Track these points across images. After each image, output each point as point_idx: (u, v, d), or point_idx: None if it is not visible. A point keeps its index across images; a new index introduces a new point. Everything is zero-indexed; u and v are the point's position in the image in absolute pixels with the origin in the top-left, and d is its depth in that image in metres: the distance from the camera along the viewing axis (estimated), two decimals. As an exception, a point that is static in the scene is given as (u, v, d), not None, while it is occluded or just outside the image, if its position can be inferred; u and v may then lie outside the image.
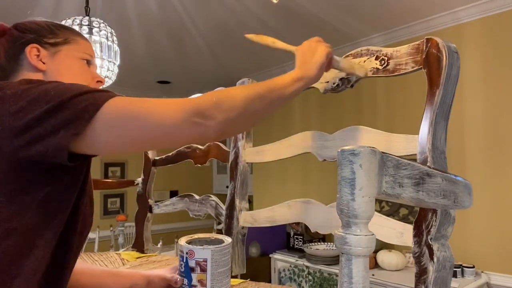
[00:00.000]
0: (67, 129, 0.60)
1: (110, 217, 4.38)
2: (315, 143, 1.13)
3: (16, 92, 0.63)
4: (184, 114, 0.63)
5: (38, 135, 0.60)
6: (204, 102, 0.65)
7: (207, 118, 0.64)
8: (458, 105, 2.07)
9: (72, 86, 0.65)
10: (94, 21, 1.81)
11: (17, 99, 0.62)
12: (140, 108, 0.64)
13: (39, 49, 0.78)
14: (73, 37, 0.83)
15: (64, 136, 0.60)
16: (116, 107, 0.64)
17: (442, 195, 0.59)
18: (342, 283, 0.46)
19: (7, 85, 0.65)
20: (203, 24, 2.82)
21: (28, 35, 0.78)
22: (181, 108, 0.64)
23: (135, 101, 0.65)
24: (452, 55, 0.84)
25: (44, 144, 0.60)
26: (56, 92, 0.62)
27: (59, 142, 0.60)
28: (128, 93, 4.90)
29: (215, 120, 0.64)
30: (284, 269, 3.17)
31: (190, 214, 1.52)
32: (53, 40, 0.80)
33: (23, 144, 0.60)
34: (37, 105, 0.61)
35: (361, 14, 2.71)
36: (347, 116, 3.26)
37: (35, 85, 0.64)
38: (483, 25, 2.57)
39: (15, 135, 0.60)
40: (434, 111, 0.84)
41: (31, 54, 0.77)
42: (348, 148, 0.46)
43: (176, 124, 0.63)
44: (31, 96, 0.62)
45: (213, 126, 0.65)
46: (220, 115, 0.65)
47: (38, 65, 0.77)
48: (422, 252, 0.81)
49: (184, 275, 0.83)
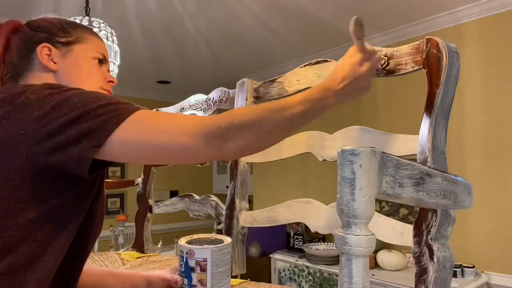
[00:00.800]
0: (89, 140, 0.60)
1: (110, 217, 4.37)
2: (315, 143, 1.13)
3: (39, 97, 0.63)
4: (205, 135, 0.63)
5: (60, 143, 0.60)
6: (225, 124, 0.64)
7: (227, 140, 0.64)
8: (458, 105, 2.07)
9: (96, 95, 0.64)
10: (94, 21, 1.81)
11: (40, 105, 0.62)
12: (162, 125, 0.64)
13: (51, 49, 0.77)
14: (86, 35, 0.82)
15: (86, 147, 0.60)
16: (140, 121, 0.63)
17: (442, 195, 0.59)
18: (342, 283, 0.46)
19: (29, 88, 0.65)
20: (203, 24, 2.82)
21: (40, 33, 0.77)
22: (202, 129, 0.64)
23: (158, 117, 0.65)
24: (452, 55, 0.84)
25: (66, 153, 0.60)
26: (79, 100, 0.62)
27: (80, 153, 0.60)
28: (128, 93, 4.89)
29: (234, 142, 0.64)
30: (284, 269, 3.16)
31: (190, 214, 1.52)
32: (64, 39, 0.79)
33: (44, 151, 0.60)
34: (60, 111, 0.60)
35: (361, 14, 2.69)
36: (347, 116, 3.26)
37: (58, 90, 0.64)
38: (483, 25, 2.57)
39: (37, 142, 0.60)
40: (434, 111, 0.84)
41: (42, 54, 0.76)
42: (348, 148, 0.46)
43: (196, 146, 0.64)
44: (54, 102, 0.62)
45: (231, 148, 0.64)
46: (239, 138, 0.64)
47: (49, 65, 0.76)
48: (422, 252, 0.81)
49: (184, 275, 0.83)
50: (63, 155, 0.60)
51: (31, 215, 0.62)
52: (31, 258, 0.62)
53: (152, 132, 0.64)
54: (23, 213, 0.62)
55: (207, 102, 1.44)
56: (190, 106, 1.52)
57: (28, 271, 0.62)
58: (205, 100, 1.45)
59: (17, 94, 0.64)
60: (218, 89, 1.42)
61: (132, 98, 4.66)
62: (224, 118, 0.64)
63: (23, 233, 0.62)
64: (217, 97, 1.41)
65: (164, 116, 0.66)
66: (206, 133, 0.63)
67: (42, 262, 0.63)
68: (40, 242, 0.63)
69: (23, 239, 0.62)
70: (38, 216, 0.63)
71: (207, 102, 1.45)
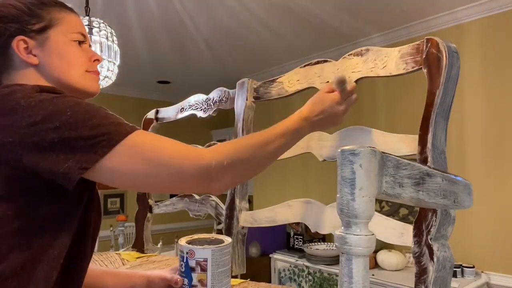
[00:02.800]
0: (77, 161, 0.59)
1: (110, 217, 4.37)
2: (315, 143, 1.13)
3: (30, 103, 0.60)
4: (198, 176, 0.66)
5: (48, 158, 0.59)
6: (215, 164, 0.66)
7: (215, 181, 0.67)
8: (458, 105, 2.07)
9: (89, 111, 0.62)
10: (94, 21, 1.81)
11: (31, 112, 0.60)
12: (158, 155, 0.64)
13: (27, 41, 0.71)
14: (58, 15, 0.75)
15: (73, 167, 0.59)
16: (133, 148, 0.63)
17: (442, 195, 0.59)
18: (342, 283, 0.46)
19: (18, 89, 0.63)
20: (203, 24, 2.82)
21: (11, 25, 0.70)
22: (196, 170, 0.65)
23: (154, 144, 0.65)
24: (452, 55, 0.84)
25: (53, 168, 0.59)
26: (72, 114, 0.60)
27: (67, 172, 0.59)
28: (128, 93, 4.88)
29: (222, 181, 0.68)
30: (284, 269, 3.16)
31: (190, 214, 1.52)
32: (37, 26, 0.72)
33: (32, 162, 0.59)
34: (51, 123, 0.59)
35: (361, 14, 2.71)
36: (347, 116, 3.25)
37: (50, 97, 0.62)
38: (483, 25, 2.57)
39: (26, 151, 0.59)
40: (434, 111, 0.84)
41: (20, 49, 0.71)
42: (348, 148, 0.46)
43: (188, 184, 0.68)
44: (46, 112, 0.60)
45: (218, 187, 0.69)
46: (227, 177, 0.69)
47: (30, 59, 0.72)
48: (422, 252, 0.81)
49: (184, 275, 0.83)
50: (50, 169, 0.59)
51: (21, 223, 0.61)
52: (27, 265, 0.61)
53: (146, 161, 0.63)
54: (13, 221, 0.61)
55: (207, 102, 1.44)
56: (190, 106, 1.52)
57: (28, 276, 0.61)
58: (205, 100, 1.45)
59: (4, 95, 0.62)
60: (218, 89, 1.42)
61: (132, 98, 4.67)
62: (215, 157, 0.67)
63: (12, 242, 0.61)
64: (217, 97, 1.41)
65: (160, 143, 0.66)
66: (200, 174, 0.65)
67: (40, 269, 0.62)
68: (33, 250, 0.62)
69: (11, 248, 0.61)
70: (29, 224, 0.62)
71: (207, 102, 1.45)
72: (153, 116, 1.66)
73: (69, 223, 0.67)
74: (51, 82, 0.73)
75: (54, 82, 0.74)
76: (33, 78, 0.72)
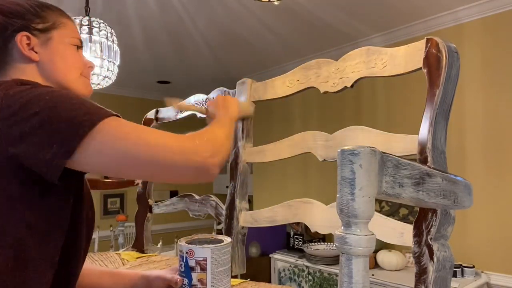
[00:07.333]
0: (62, 144, 0.58)
1: (110, 217, 4.37)
2: (315, 143, 1.13)
3: (8, 94, 0.61)
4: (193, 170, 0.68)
5: (33, 145, 0.58)
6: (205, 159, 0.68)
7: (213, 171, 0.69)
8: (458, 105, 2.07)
9: (69, 95, 0.63)
10: (94, 21, 1.81)
11: (10, 102, 0.60)
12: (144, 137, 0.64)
13: (30, 37, 0.72)
14: (61, 19, 0.78)
15: (57, 152, 0.58)
16: (118, 127, 0.62)
17: (442, 195, 0.59)
18: (342, 283, 0.46)
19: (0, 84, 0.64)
20: (203, 24, 2.82)
21: (15, 21, 0.72)
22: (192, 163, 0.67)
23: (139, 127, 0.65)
24: (452, 55, 0.84)
25: (38, 156, 0.58)
26: (51, 98, 0.60)
27: (52, 158, 0.58)
28: (128, 93, 4.88)
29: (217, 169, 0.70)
30: (284, 269, 3.16)
31: (190, 214, 1.52)
32: (41, 26, 0.74)
33: (17, 152, 0.59)
34: (30, 109, 0.59)
35: (361, 14, 2.71)
36: (347, 116, 3.26)
37: (29, 86, 0.63)
38: (483, 25, 2.57)
39: (10, 142, 0.59)
40: (434, 111, 0.84)
41: (22, 44, 0.71)
42: (348, 148, 0.46)
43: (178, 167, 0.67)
44: (24, 100, 0.60)
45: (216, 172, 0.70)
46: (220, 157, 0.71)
47: (31, 55, 0.72)
48: (422, 252, 0.81)
49: (184, 275, 0.83)
50: (35, 156, 0.58)
51: (5, 221, 0.61)
52: (18, 265, 0.61)
53: (134, 141, 0.62)
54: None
55: (207, 102, 1.44)
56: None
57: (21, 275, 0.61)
58: (205, 100, 1.45)
59: None
60: (218, 89, 1.42)
61: (132, 98, 4.67)
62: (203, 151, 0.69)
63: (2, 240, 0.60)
64: (217, 97, 1.41)
65: (138, 129, 0.65)
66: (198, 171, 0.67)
67: (31, 269, 0.62)
68: (21, 249, 0.61)
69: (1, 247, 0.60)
70: (15, 223, 0.61)
71: (207, 102, 1.45)
72: (153, 116, 1.66)
73: (59, 220, 0.66)
74: (49, 80, 0.74)
75: (52, 80, 0.75)
76: (32, 75, 0.73)
